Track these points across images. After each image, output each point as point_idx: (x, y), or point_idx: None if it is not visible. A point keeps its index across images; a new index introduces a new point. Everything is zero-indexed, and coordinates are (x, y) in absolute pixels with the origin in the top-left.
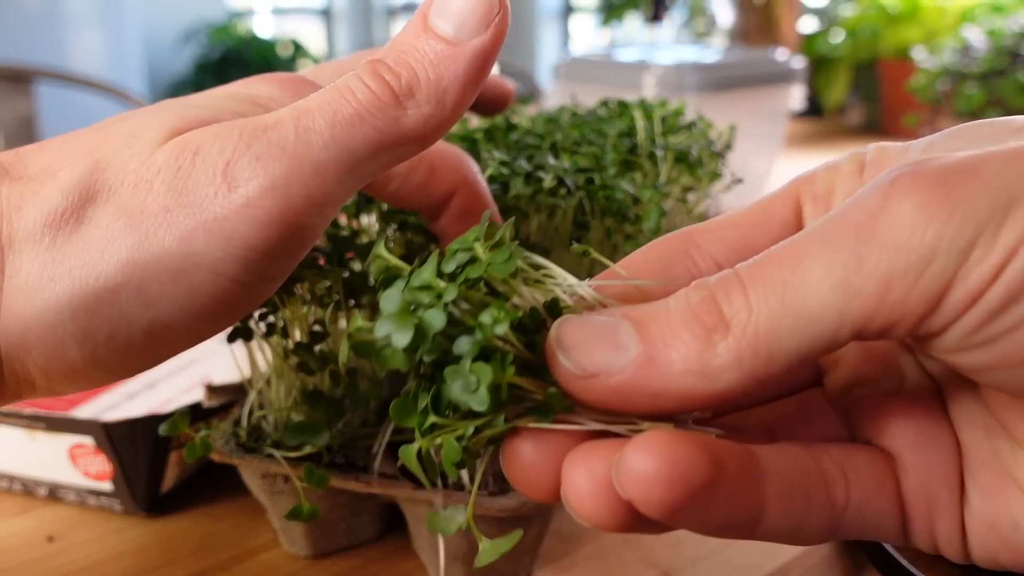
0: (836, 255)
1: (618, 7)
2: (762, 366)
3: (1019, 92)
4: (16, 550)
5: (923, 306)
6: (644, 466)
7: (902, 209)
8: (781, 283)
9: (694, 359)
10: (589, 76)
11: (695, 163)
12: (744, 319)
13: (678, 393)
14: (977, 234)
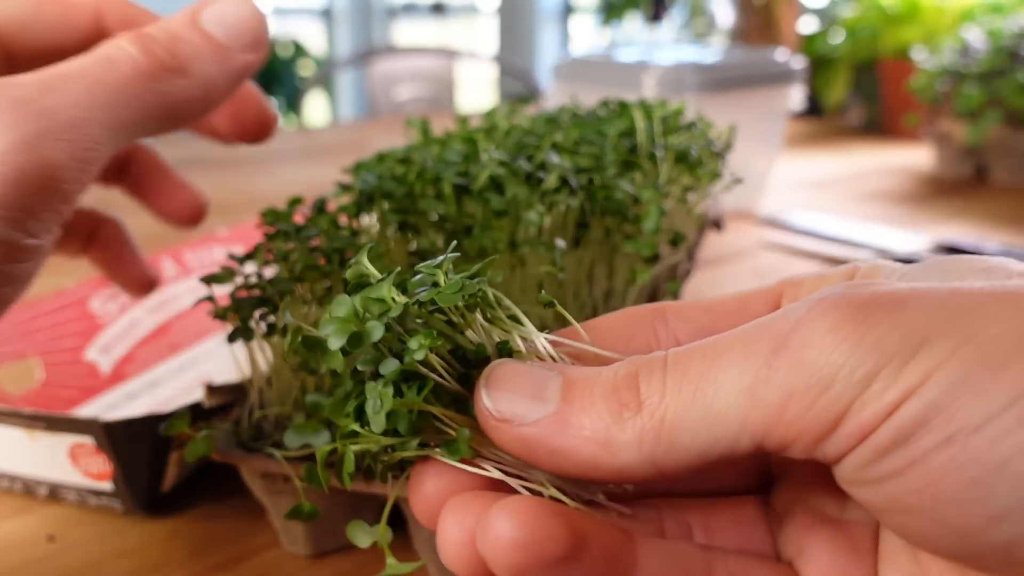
0: (751, 360)
1: (618, 7)
2: (661, 453)
3: (1019, 92)
4: (16, 550)
5: (817, 429)
6: (501, 528)
7: (817, 327)
8: (697, 376)
9: (601, 429)
10: (589, 76)
11: (695, 163)
12: (655, 403)
13: (578, 458)
14: (880, 367)
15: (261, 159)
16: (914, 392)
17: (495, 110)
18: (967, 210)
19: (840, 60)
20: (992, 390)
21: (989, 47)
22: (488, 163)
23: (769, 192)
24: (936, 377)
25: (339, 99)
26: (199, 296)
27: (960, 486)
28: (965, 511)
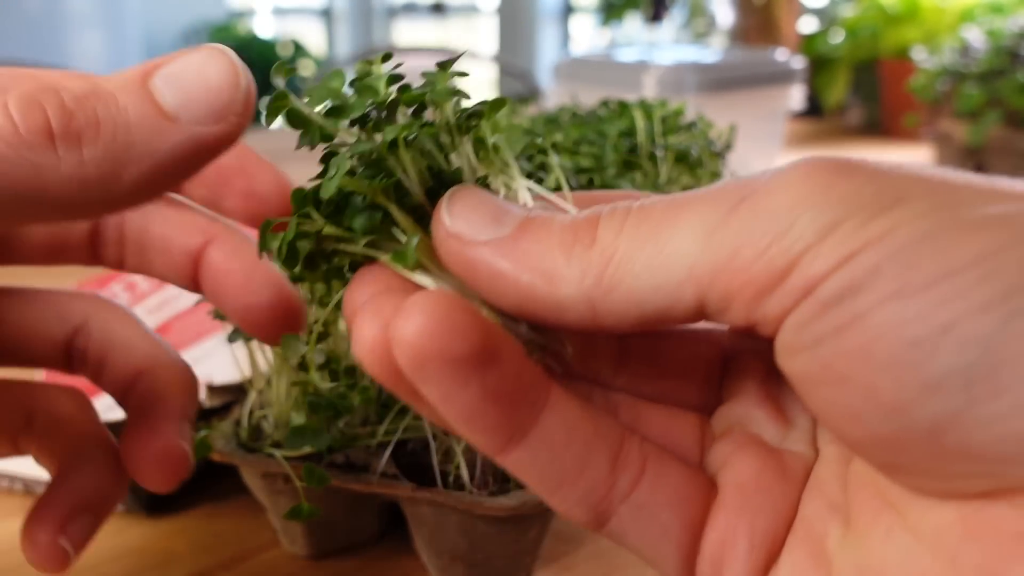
0: (715, 208)
1: (618, 7)
2: (601, 294)
3: (1019, 92)
4: (16, 550)
5: (763, 279)
6: (410, 316)
7: (789, 177)
8: (659, 219)
9: (547, 260)
10: (589, 76)
11: (695, 163)
12: (608, 243)
13: (517, 285)
14: (844, 218)
15: None
16: (873, 244)
17: None
18: None
19: (840, 60)
20: (954, 248)
21: (989, 47)
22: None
23: None
24: (899, 231)
25: None
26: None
27: (899, 346)
28: (899, 377)
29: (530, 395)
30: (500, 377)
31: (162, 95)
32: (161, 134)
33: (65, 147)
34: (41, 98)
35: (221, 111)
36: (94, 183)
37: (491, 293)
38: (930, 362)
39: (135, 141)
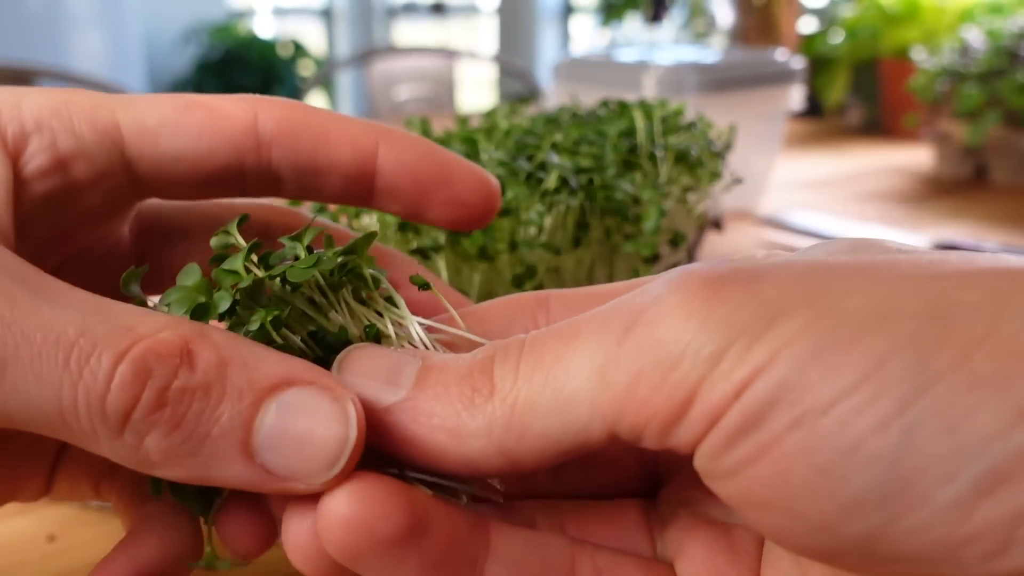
0: (603, 340)
1: (618, 7)
2: (512, 442)
3: (1018, 92)
4: (16, 550)
5: (667, 412)
6: (335, 505)
7: (667, 302)
8: (552, 358)
9: (451, 416)
10: (589, 76)
11: (695, 163)
12: (507, 388)
13: (427, 447)
14: (729, 343)
15: None
16: (763, 370)
17: (495, 110)
18: (967, 210)
19: (840, 60)
20: (841, 367)
21: (989, 47)
22: (488, 163)
23: (769, 192)
24: (785, 354)
25: (339, 99)
26: None
27: (810, 473)
28: (817, 502)
29: (470, 551)
30: (435, 545)
31: (260, 425)
32: (228, 461)
33: (132, 433)
34: (152, 373)
35: (299, 475)
36: (136, 462)
37: (405, 457)
38: (843, 485)
39: (200, 454)
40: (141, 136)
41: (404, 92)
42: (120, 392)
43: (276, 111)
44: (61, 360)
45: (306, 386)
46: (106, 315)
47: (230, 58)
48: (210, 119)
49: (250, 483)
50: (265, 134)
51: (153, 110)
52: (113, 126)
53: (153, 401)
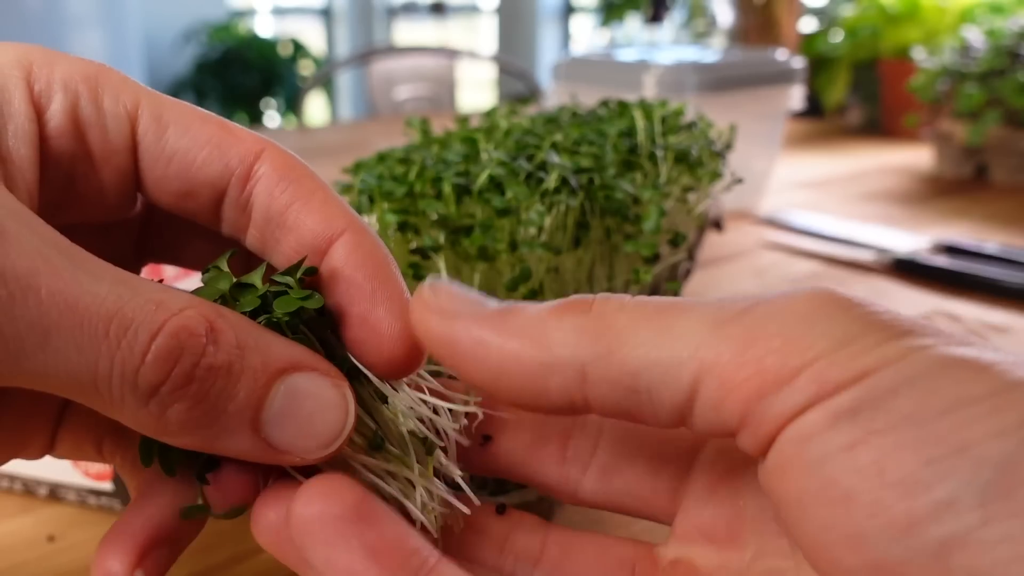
0: (723, 308)
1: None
2: (594, 358)
3: (1018, 92)
4: (16, 550)
5: (770, 374)
6: (303, 497)
7: (799, 295)
8: (662, 308)
9: (535, 325)
10: (589, 76)
11: (695, 163)
12: (608, 309)
13: (502, 351)
14: (859, 335)
15: None
16: (891, 364)
17: (495, 110)
18: (967, 210)
19: (840, 60)
20: (970, 380)
21: (989, 47)
22: (488, 163)
23: (769, 192)
24: (916, 357)
25: (339, 99)
26: None
27: (916, 464)
28: (912, 493)
29: (414, 560)
30: (380, 535)
31: (269, 404)
32: (237, 434)
33: (157, 404)
34: (183, 351)
35: (297, 450)
36: (152, 429)
37: (471, 364)
38: (945, 480)
39: (214, 425)
40: (153, 124)
41: (404, 92)
42: (154, 366)
43: (279, 158)
44: (101, 331)
45: (311, 371)
46: (136, 290)
47: (230, 58)
48: (219, 135)
49: (251, 454)
50: (259, 171)
51: (175, 109)
52: (133, 107)
53: (183, 376)
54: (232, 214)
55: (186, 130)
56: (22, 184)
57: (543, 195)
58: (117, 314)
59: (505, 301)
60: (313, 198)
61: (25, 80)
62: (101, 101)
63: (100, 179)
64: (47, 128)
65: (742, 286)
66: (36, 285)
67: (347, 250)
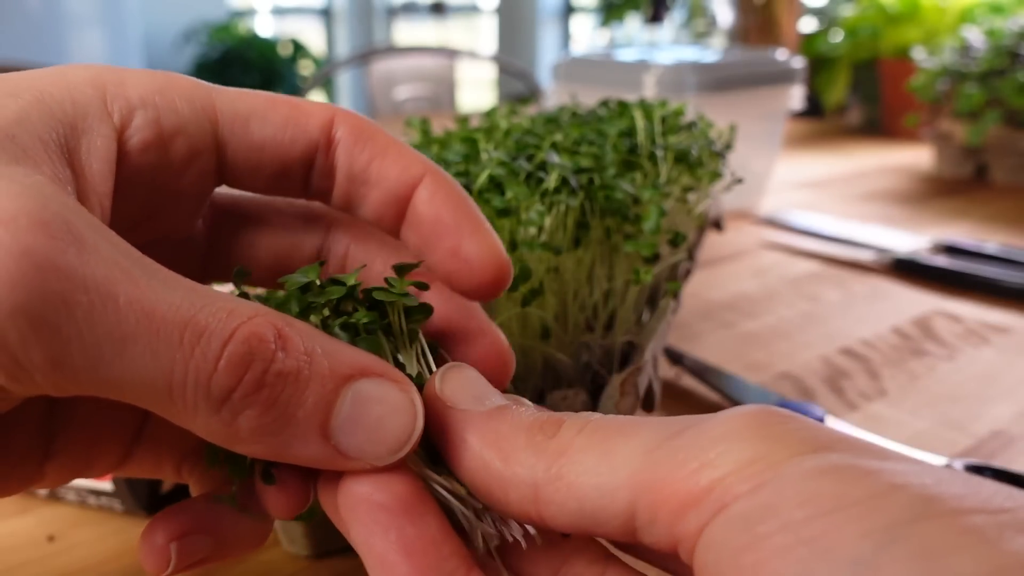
0: (661, 431)
1: (618, 7)
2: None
3: (1018, 92)
4: (16, 550)
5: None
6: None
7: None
8: (612, 432)
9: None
10: (589, 76)
11: (695, 163)
12: (567, 437)
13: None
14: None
15: None
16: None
17: (495, 110)
18: (967, 210)
19: (840, 60)
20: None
21: (989, 47)
22: (488, 163)
23: (769, 192)
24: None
25: (339, 99)
26: None
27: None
28: None
29: (446, 566)
30: (419, 533)
31: (337, 411)
32: (307, 441)
33: (229, 411)
34: (254, 357)
35: (368, 456)
36: (223, 436)
37: (454, 457)
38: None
39: (284, 432)
40: (234, 120)
41: (404, 92)
42: (227, 372)
43: (350, 119)
44: (176, 339)
45: (378, 377)
46: (208, 298)
47: (230, 57)
48: (294, 113)
49: (321, 461)
50: (337, 135)
51: (245, 99)
52: (210, 107)
53: (254, 382)
54: (320, 182)
55: (264, 118)
56: (95, 199)
57: (543, 195)
58: (191, 321)
59: (507, 398)
60: (389, 151)
61: (100, 99)
62: (180, 108)
63: (180, 186)
64: (128, 144)
65: (742, 286)
66: (114, 293)
67: (430, 192)
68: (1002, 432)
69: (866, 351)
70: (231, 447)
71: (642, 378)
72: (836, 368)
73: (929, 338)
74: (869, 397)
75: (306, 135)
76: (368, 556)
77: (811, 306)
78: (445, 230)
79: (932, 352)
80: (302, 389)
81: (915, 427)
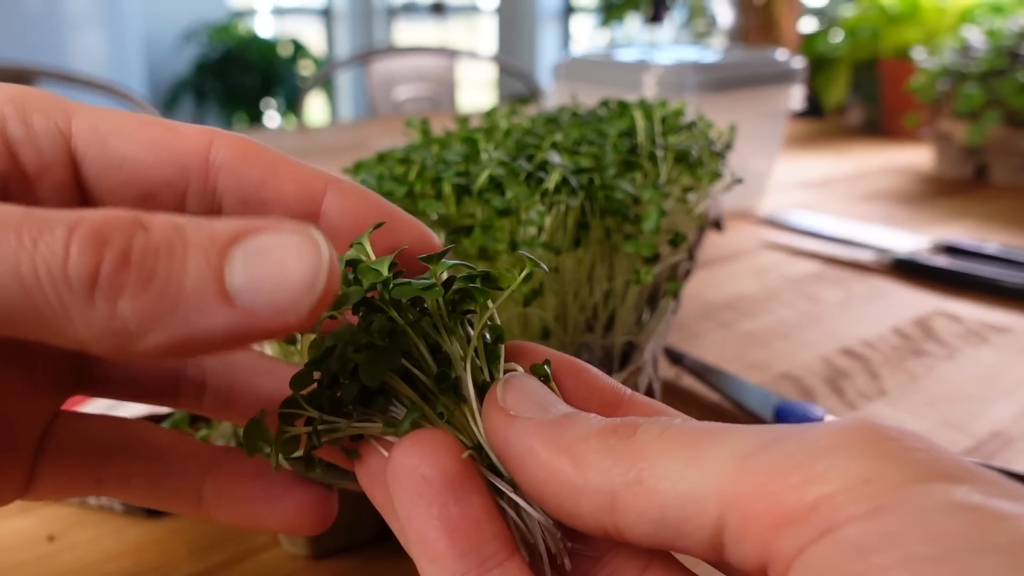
0: (755, 437)
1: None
2: (623, 488)
3: (1018, 92)
4: (16, 549)
5: (786, 509)
6: (403, 445)
7: (834, 427)
8: (696, 436)
9: (580, 445)
10: (589, 76)
11: (695, 163)
12: (646, 439)
13: (546, 464)
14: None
15: None
16: (903, 505)
17: (495, 110)
18: (967, 210)
19: (840, 60)
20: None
21: (989, 47)
22: (488, 163)
23: (769, 192)
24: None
25: (339, 99)
26: None
27: None
28: None
29: (486, 548)
30: (463, 512)
31: (231, 271)
32: (208, 310)
33: (103, 298)
34: (109, 237)
35: (284, 307)
36: (114, 335)
37: (519, 467)
38: None
39: (178, 308)
40: (92, 135)
41: (404, 92)
42: (80, 256)
43: (231, 140)
44: (13, 239)
45: (268, 231)
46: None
47: (230, 58)
48: (165, 135)
49: (239, 329)
50: (216, 159)
51: (112, 118)
52: (65, 122)
53: (117, 260)
54: (200, 206)
55: (129, 136)
56: None
57: (543, 195)
58: (25, 222)
59: (571, 409)
60: (280, 170)
61: None
62: (30, 120)
63: (36, 197)
64: None
65: (742, 286)
66: None
67: (340, 203)
68: (1002, 432)
69: (866, 351)
70: (132, 349)
71: (642, 378)
72: (836, 368)
73: (929, 338)
74: (869, 397)
75: (175, 156)
76: (408, 531)
77: (811, 306)
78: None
79: (932, 352)
80: (180, 259)
81: (915, 427)
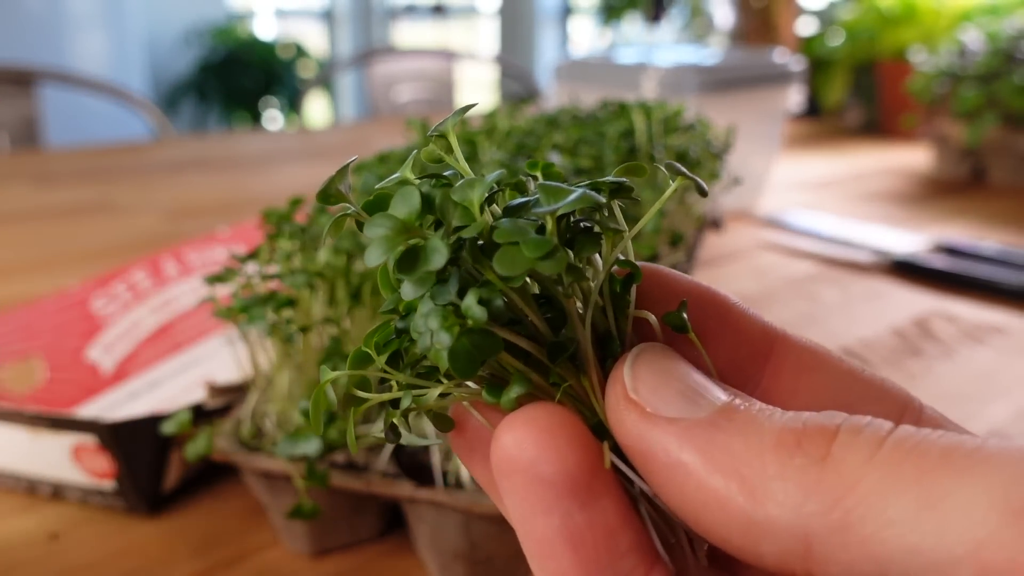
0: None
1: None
2: (825, 530)
3: (1016, 93)
4: (19, 548)
5: None
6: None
7: None
8: (933, 465)
9: (752, 463)
10: (589, 77)
11: (694, 163)
12: (852, 463)
13: (704, 488)
14: None
15: (262, 159)
16: None
17: (495, 111)
18: (965, 210)
19: (839, 61)
20: None
21: (987, 48)
22: (489, 163)
23: (768, 192)
24: None
25: (340, 100)
26: (201, 296)
27: None
28: None
29: (621, 565)
30: (590, 521)
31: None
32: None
33: None
34: None
35: None
36: None
37: (667, 488)
38: None
39: None
40: None
41: (404, 93)
42: None
43: None
44: None
45: None
46: None
47: (231, 59)
48: None
49: None
50: None
51: None
52: None
53: None
54: None
55: None
56: None
57: None
58: None
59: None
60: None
61: None
62: None
63: None
64: None
65: (741, 286)
66: None
67: None
68: (999, 432)
69: (864, 351)
70: None
71: None
72: None
73: (927, 338)
74: None
75: None
76: (526, 536)
77: (810, 306)
78: None
79: (930, 352)
80: None
81: None
